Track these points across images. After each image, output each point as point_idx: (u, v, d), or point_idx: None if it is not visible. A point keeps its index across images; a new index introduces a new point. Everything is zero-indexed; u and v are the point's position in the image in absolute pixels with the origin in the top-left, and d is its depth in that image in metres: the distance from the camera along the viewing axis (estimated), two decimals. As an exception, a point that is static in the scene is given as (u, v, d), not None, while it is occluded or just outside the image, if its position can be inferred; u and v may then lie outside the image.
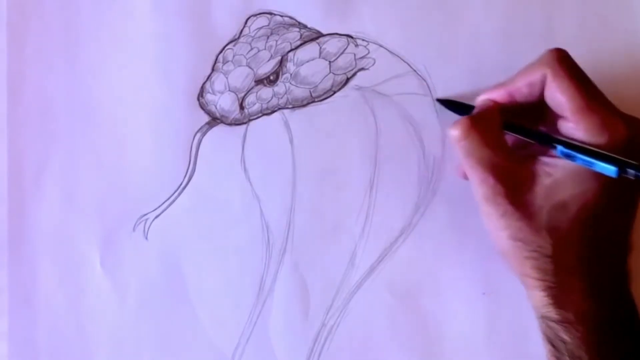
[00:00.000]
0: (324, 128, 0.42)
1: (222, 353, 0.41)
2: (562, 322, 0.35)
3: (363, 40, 0.43)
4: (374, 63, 0.42)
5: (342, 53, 0.42)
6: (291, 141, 0.42)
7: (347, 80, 0.42)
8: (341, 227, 0.42)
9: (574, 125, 0.35)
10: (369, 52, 0.42)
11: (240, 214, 0.42)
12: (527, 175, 0.36)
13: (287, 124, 0.42)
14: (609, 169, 0.34)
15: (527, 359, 0.40)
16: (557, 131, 0.36)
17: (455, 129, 0.37)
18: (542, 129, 0.38)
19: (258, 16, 0.43)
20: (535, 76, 0.36)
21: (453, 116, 0.40)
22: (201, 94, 0.42)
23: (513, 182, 0.36)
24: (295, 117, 0.42)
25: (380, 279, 0.41)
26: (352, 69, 0.42)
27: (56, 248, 0.42)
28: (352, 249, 0.41)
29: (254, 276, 0.41)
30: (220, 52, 0.43)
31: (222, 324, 0.41)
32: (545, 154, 0.37)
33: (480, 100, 0.38)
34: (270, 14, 0.43)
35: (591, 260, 0.35)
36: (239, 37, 0.43)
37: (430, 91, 0.42)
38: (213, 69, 0.43)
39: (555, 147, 0.35)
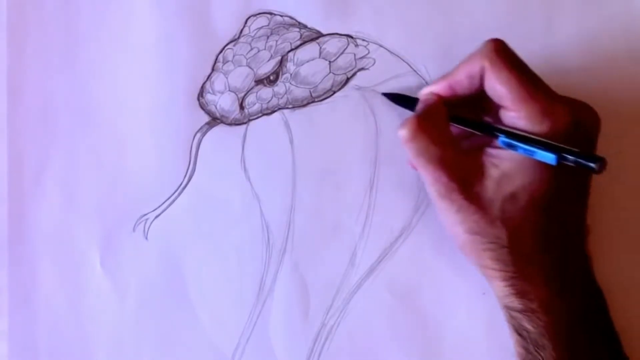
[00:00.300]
0: (324, 128, 0.42)
1: (222, 353, 0.41)
2: (524, 311, 0.35)
3: (363, 40, 0.43)
4: (374, 63, 0.42)
5: (342, 53, 0.42)
6: (291, 141, 0.42)
7: (347, 80, 0.42)
8: (341, 227, 0.42)
9: (515, 114, 0.35)
10: (369, 52, 0.42)
11: (240, 214, 0.42)
12: (477, 168, 0.36)
13: (287, 124, 0.42)
14: (549, 157, 0.33)
15: (527, 359, 0.40)
16: (500, 121, 0.36)
17: (403, 129, 0.37)
18: (487, 119, 0.38)
19: (258, 16, 0.43)
20: (474, 68, 0.36)
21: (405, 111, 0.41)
22: (201, 94, 0.42)
23: (464, 176, 0.36)
24: (295, 117, 0.42)
25: (380, 279, 0.41)
26: (352, 69, 0.42)
27: (56, 248, 0.42)
28: (352, 249, 0.41)
29: (254, 276, 0.41)
30: (220, 52, 0.43)
31: (222, 324, 0.41)
32: (490, 145, 0.37)
33: (423, 94, 0.39)
34: (270, 14, 0.43)
35: (548, 247, 0.35)
36: (239, 37, 0.43)
37: (430, 91, 0.42)
38: (213, 69, 0.43)
39: (498, 137, 0.35)
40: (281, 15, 0.43)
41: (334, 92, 0.42)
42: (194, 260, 0.42)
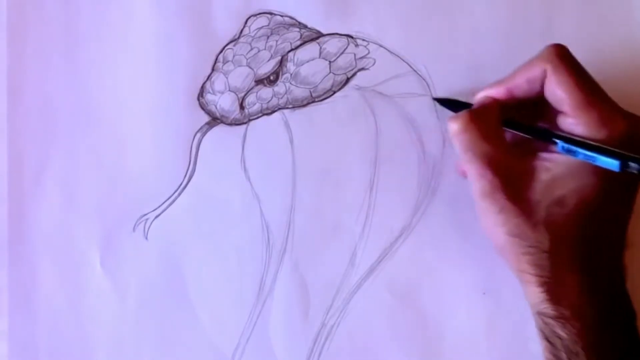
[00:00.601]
0: (324, 128, 0.42)
1: (222, 353, 0.41)
2: (558, 318, 0.35)
3: (363, 40, 0.43)
4: (374, 63, 0.42)
5: (342, 53, 0.42)
6: (291, 141, 0.42)
7: (347, 80, 0.42)
8: (341, 227, 0.42)
9: (573, 120, 0.35)
10: (369, 52, 0.42)
11: (240, 214, 0.42)
12: (526, 171, 0.36)
13: (287, 124, 0.42)
14: (612, 163, 0.34)
15: (527, 359, 0.40)
16: (557, 127, 0.36)
17: (454, 122, 0.37)
18: (542, 125, 0.38)
19: (258, 16, 0.43)
20: (535, 72, 0.36)
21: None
22: (201, 94, 0.42)
23: (511, 177, 0.36)
24: (295, 117, 0.42)
25: (380, 279, 0.41)
26: (352, 69, 0.42)
27: (56, 248, 0.42)
28: (352, 249, 0.41)
29: (254, 276, 0.41)
30: (220, 52, 0.43)
31: (222, 324, 0.41)
32: (543, 149, 0.37)
33: (479, 97, 0.38)
34: (270, 14, 0.43)
35: (588, 256, 0.35)
36: (239, 37, 0.43)
37: (430, 91, 0.42)
38: (213, 69, 0.43)
39: (556, 143, 0.35)
40: (281, 15, 0.43)
41: (334, 92, 0.42)
42: (194, 260, 0.42)
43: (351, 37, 0.43)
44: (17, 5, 0.43)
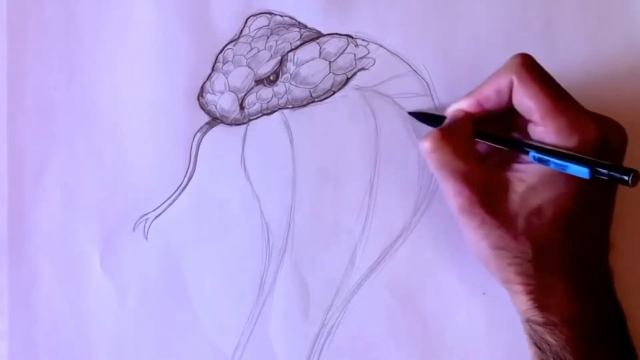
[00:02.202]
0: (324, 128, 0.42)
1: (222, 353, 0.41)
2: (547, 324, 0.35)
3: (363, 40, 0.43)
4: (374, 63, 0.42)
5: (342, 53, 0.42)
6: (291, 141, 0.42)
7: (347, 80, 0.42)
8: (341, 227, 0.42)
9: (543, 129, 0.35)
10: (369, 52, 0.42)
11: (240, 214, 0.42)
12: (501, 183, 0.36)
13: (287, 124, 0.42)
14: (582, 171, 0.33)
15: (527, 359, 0.40)
16: (528, 136, 0.36)
17: (425, 141, 0.36)
18: (514, 135, 0.38)
19: (258, 16, 0.43)
20: (502, 83, 0.36)
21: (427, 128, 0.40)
22: (201, 94, 0.42)
23: (488, 191, 0.36)
24: (295, 117, 0.42)
25: (380, 279, 0.41)
26: (352, 69, 0.42)
27: (56, 248, 0.42)
28: (352, 249, 0.41)
29: (254, 276, 0.41)
30: (220, 52, 0.43)
31: (222, 324, 0.41)
32: (516, 160, 0.37)
33: (450, 111, 0.38)
34: (270, 14, 0.43)
35: (572, 261, 0.35)
36: (239, 37, 0.43)
37: (430, 91, 0.42)
38: (213, 69, 0.43)
39: (527, 153, 0.35)
40: (281, 15, 0.43)
41: (334, 92, 0.42)
42: (194, 260, 0.42)
43: (351, 37, 0.43)
44: (17, 5, 0.43)
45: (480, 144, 0.38)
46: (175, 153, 0.42)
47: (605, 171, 0.33)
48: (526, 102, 0.35)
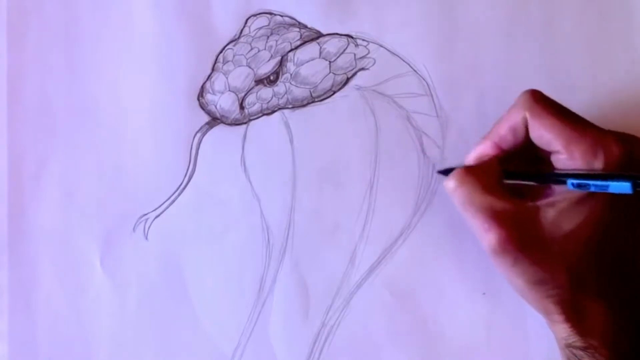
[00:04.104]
0: (324, 128, 0.42)
1: (222, 353, 0.41)
2: (587, 348, 0.35)
3: (363, 40, 0.43)
4: (374, 63, 0.42)
5: (342, 53, 0.42)
6: (291, 141, 0.42)
7: (347, 80, 0.42)
8: (341, 227, 0.42)
9: (567, 156, 0.35)
10: (369, 52, 0.42)
11: (240, 214, 0.42)
12: (530, 215, 0.35)
13: (287, 124, 0.42)
14: (624, 186, 0.33)
15: (527, 359, 0.40)
16: (552, 166, 0.36)
17: (450, 180, 0.36)
18: (540, 167, 0.38)
19: (258, 16, 0.43)
20: (515, 121, 0.36)
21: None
22: (201, 94, 0.42)
23: (518, 225, 0.35)
24: (295, 117, 0.42)
25: (380, 279, 0.41)
26: (352, 69, 0.42)
27: (56, 248, 0.42)
28: (352, 249, 0.41)
29: (254, 276, 0.41)
30: (220, 52, 0.43)
31: (222, 324, 0.41)
32: (541, 189, 0.37)
33: (471, 158, 0.38)
34: (270, 14, 0.43)
35: (608, 281, 0.35)
36: (239, 37, 0.43)
37: (430, 91, 0.42)
38: (213, 69, 0.43)
39: (564, 183, 0.35)
40: (281, 15, 0.43)
41: (334, 92, 0.42)
42: (194, 260, 0.42)
43: (351, 37, 0.43)
44: (17, 5, 0.43)
45: (511, 183, 0.37)
46: (175, 153, 0.42)
47: None
48: (545, 134, 0.35)
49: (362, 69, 0.42)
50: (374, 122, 0.42)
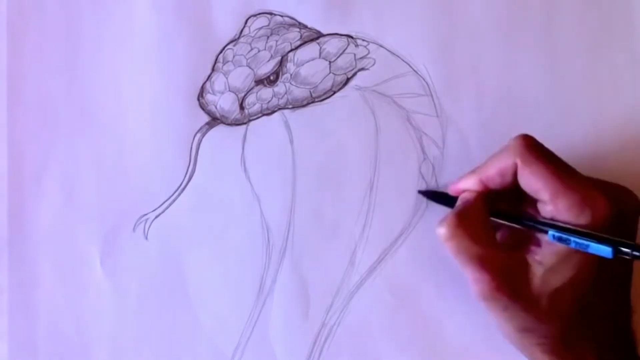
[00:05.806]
0: (324, 128, 0.42)
1: (222, 353, 0.41)
2: None
3: (363, 40, 0.43)
4: (374, 63, 0.42)
5: (342, 53, 0.42)
6: (291, 141, 0.42)
7: (347, 80, 0.42)
8: (341, 227, 0.42)
9: (553, 207, 0.35)
10: (369, 52, 0.42)
11: (240, 214, 0.42)
12: (520, 265, 0.36)
13: (287, 124, 0.42)
14: (604, 250, 0.33)
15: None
16: (539, 213, 0.36)
17: (442, 228, 0.36)
18: (528, 211, 0.38)
19: (258, 16, 0.43)
20: (505, 165, 0.36)
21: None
22: (201, 94, 0.42)
23: (508, 274, 0.35)
24: (295, 117, 0.42)
25: (380, 279, 0.41)
26: (352, 69, 0.42)
27: (56, 248, 0.42)
28: (352, 249, 0.41)
29: (254, 276, 0.41)
30: (220, 52, 0.43)
31: (222, 324, 0.41)
32: (532, 239, 0.36)
33: (457, 190, 0.38)
34: (270, 14, 0.43)
35: (597, 332, 0.35)
36: (239, 37, 0.43)
37: (430, 91, 0.42)
38: (213, 69, 0.43)
39: (546, 232, 0.35)
40: (281, 15, 0.43)
41: (334, 92, 0.42)
42: (194, 260, 0.42)
43: (351, 37, 0.43)
44: (17, 5, 0.43)
45: (496, 221, 0.37)
46: (175, 153, 0.42)
47: (628, 250, 0.33)
48: (533, 183, 0.35)
49: (362, 69, 0.42)
50: (374, 122, 0.42)
